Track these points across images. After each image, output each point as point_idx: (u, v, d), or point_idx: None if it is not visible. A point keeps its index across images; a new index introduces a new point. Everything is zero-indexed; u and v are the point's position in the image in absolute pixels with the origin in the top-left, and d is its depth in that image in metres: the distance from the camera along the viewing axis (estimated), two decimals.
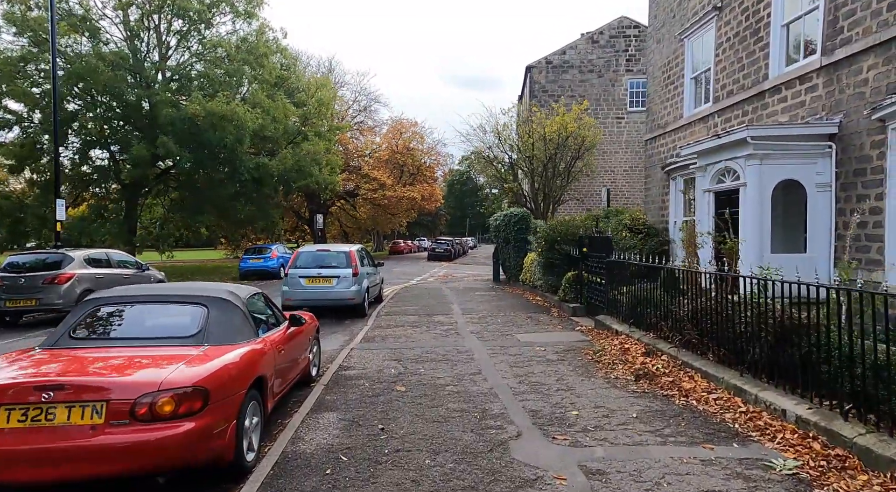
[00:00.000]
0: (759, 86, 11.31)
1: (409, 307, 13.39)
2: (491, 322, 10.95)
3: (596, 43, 33.43)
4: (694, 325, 6.61)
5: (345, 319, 11.93)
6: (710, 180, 11.02)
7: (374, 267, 14.09)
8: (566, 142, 20.14)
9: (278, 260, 24.68)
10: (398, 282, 21.73)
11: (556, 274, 12.73)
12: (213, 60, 25.56)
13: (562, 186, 21.04)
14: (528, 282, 16.09)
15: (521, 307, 12.96)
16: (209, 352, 4.00)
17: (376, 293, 14.24)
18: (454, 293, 16.54)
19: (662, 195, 16.01)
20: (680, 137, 14.97)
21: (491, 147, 22.11)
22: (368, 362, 7.49)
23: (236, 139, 22.85)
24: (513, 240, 17.78)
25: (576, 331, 9.81)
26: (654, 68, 16.90)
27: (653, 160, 16.91)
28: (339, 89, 51.47)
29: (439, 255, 41.93)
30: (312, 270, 11.76)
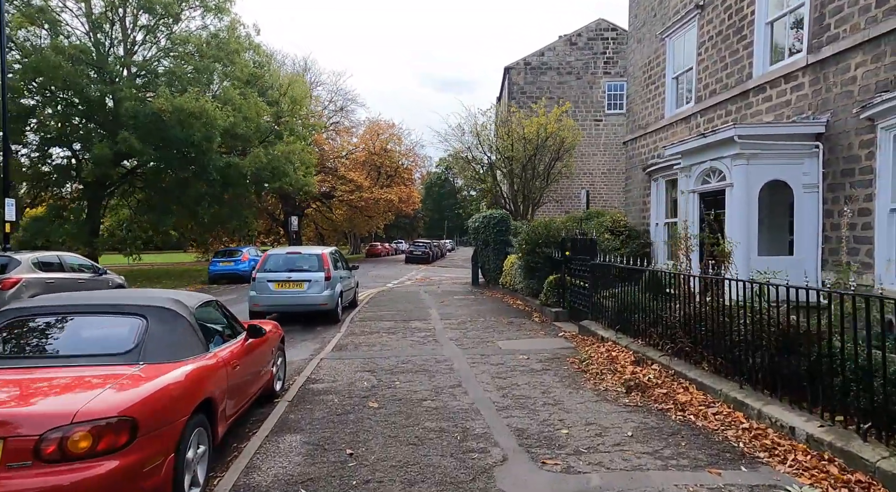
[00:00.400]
0: (742, 85, 11.09)
1: (385, 312, 12.82)
2: (470, 328, 10.46)
3: (574, 45, 33.36)
4: (686, 332, 6.23)
5: (316, 325, 11.31)
6: (695, 181, 10.74)
7: (349, 271, 13.50)
8: (546, 143, 19.82)
9: (249, 263, 23.79)
10: (374, 285, 21.11)
11: (537, 277, 12.33)
12: (181, 56, 24.60)
13: (541, 188, 20.71)
14: (508, 285, 15.66)
15: (501, 312, 12.51)
16: (145, 372, 3.41)
17: (350, 298, 13.64)
18: (432, 297, 16.02)
19: (643, 197, 15.77)
20: (661, 137, 14.75)
21: (470, 148, 21.69)
22: (339, 374, 6.92)
23: (205, 137, 21.96)
24: (492, 242, 17.35)
25: (559, 337, 9.39)
26: (634, 68, 16.69)
27: (633, 161, 16.68)
28: (314, 89, 50.62)
29: (417, 257, 41.35)
30: (282, 274, 11.11)
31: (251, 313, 11.33)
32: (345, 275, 12.71)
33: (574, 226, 12.56)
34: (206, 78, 25.31)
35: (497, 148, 20.42)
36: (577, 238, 10.62)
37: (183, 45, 25.39)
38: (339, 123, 53.12)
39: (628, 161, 17.17)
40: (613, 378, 6.31)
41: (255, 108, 25.86)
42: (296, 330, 10.81)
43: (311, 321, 11.61)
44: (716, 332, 5.75)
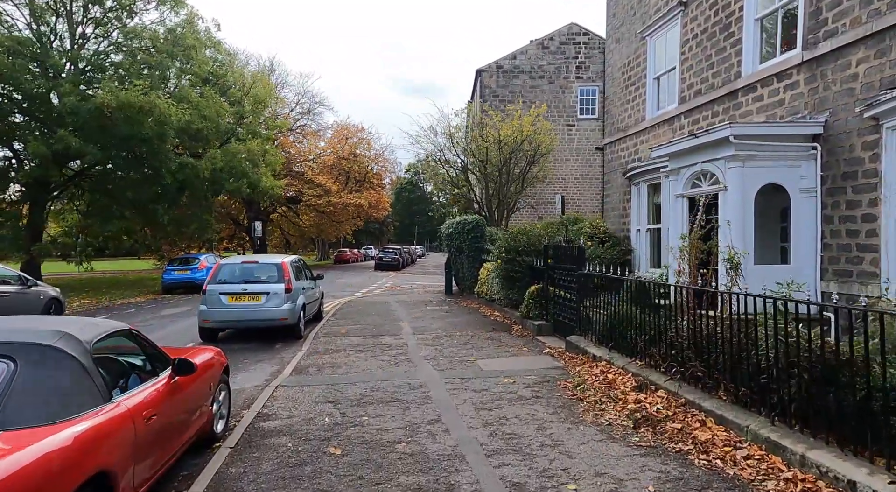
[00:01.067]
0: (730, 85, 10.55)
1: (353, 326, 11.79)
2: (447, 344, 9.54)
3: (546, 49, 33.01)
4: (697, 354, 5.47)
5: (276, 342, 10.20)
6: (684, 185, 10.11)
7: (313, 280, 12.42)
8: (521, 145, 19.13)
9: (207, 271, 22.32)
10: (342, 295, 19.98)
11: (517, 288, 11.51)
12: (131, 51, 23.02)
13: (516, 193, 20.00)
14: (484, 295, 14.82)
15: (478, 325, 11.64)
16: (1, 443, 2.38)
17: (315, 310, 12.56)
18: (403, 308, 15.05)
19: (623, 202, 15.19)
20: (642, 140, 14.19)
21: (443, 150, 20.83)
22: (297, 406, 5.91)
23: (157, 135, 20.47)
24: (467, 249, 16.50)
25: (545, 355, 8.56)
26: (613, 69, 16.15)
27: (612, 165, 16.11)
28: (280, 90, 49.07)
29: (387, 264, 40.22)
30: (236, 286, 9.97)
31: (201, 330, 10.14)
32: (308, 286, 11.63)
33: (555, 232, 11.82)
34: (161, 74, 23.76)
35: (472, 151, 19.62)
36: (561, 246, 9.85)
37: (137, 40, 23.82)
38: (307, 125, 51.68)
39: (607, 165, 16.59)
40: (615, 408, 5.48)
41: (215, 107, 24.44)
42: (252, 348, 9.68)
43: (270, 338, 10.50)
44: (734, 355, 4.99)
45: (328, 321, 12.61)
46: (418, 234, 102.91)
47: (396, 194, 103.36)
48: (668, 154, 10.35)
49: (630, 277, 7.36)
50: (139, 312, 15.53)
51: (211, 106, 23.76)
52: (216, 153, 23.88)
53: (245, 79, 28.13)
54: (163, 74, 23.68)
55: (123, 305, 17.59)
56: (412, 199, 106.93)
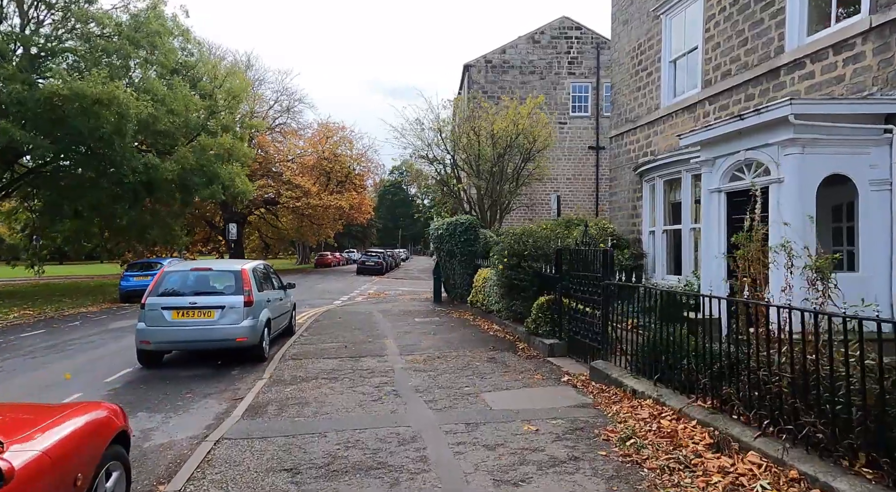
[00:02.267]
0: (770, 62, 9.05)
1: (329, 344, 10.01)
2: (442, 369, 7.84)
3: (537, 43, 31.61)
4: (808, 406, 3.86)
5: (233, 367, 8.39)
6: (721, 178, 8.57)
7: (283, 290, 10.63)
8: (517, 140, 17.54)
9: None
10: (320, 303, 18.15)
11: (522, 298, 9.86)
12: (88, 35, 20.92)
13: (511, 192, 18.40)
14: (479, 304, 13.15)
15: (476, 342, 9.95)
16: None
17: (284, 325, 10.76)
18: (388, 319, 13.30)
19: (633, 201, 13.66)
20: (656, 131, 12.68)
21: (430, 145, 19.13)
22: (237, 481, 4.15)
23: (115, 129, 18.45)
24: (459, 253, 14.82)
25: (565, 384, 6.90)
26: (620, 54, 14.64)
27: (620, 160, 14.58)
28: (258, 87, 47.01)
29: (370, 268, 38.32)
30: (183, 299, 8.15)
31: (139, 354, 8.28)
32: (275, 296, 9.84)
33: (564, 234, 10.21)
34: (123, 63, 21.68)
35: (463, 146, 17.96)
36: (578, 250, 8.22)
37: (96, 25, 21.72)
38: (286, 124, 49.63)
39: (613, 160, 15.06)
40: (696, 483, 3.82)
41: (184, 100, 22.43)
42: (201, 376, 7.86)
43: (227, 361, 8.68)
44: (881, 411, 3.39)
45: (300, 337, 10.80)
46: (402, 237, 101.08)
47: (380, 197, 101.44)
48: (701, 142, 8.80)
49: (685, 292, 5.74)
50: (84, 325, 13.53)
51: (179, 99, 21.76)
52: (185, 152, 21.88)
53: (218, 71, 26.07)
54: (125, 63, 21.59)
55: (70, 317, 15.53)
56: (396, 201, 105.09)
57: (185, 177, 22.23)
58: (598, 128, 31.34)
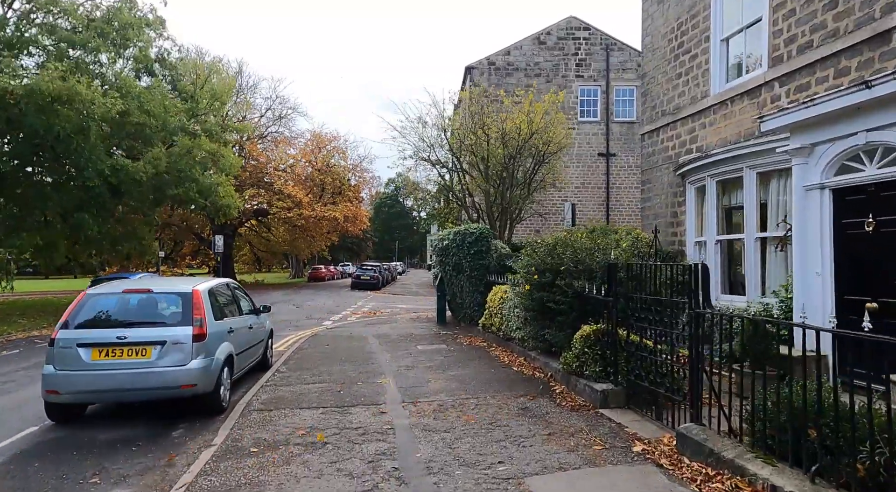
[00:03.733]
0: (874, 25, 7.08)
1: (311, 384, 7.85)
2: (460, 428, 5.70)
3: (543, 44, 29.92)
4: None
5: (176, 424, 6.23)
6: (825, 170, 6.55)
7: (254, 314, 8.50)
8: (530, 140, 15.56)
9: None
10: (308, 324, 15.99)
11: (557, 325, 7.74)
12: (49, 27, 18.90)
13: (522, 199, 16.38)
14: (494, 329, 11.03)
15: (499, 382, 7.82)
16: None
17: (256, 358, 8.61)
18: (386, 347, 11.15)
19: (672, 206, 11.66)
20: (705, 123, 10.70)
21: (433, 146, 17.12)
22: None
23: (76, 129, 16.39)
24: (468, 267, 12.73)
25: (643, 459, 4.78)
26: (654, 37, 12.71)
27: (655, 160, 12.58)
28: (249, 94, 45.16)
29: (365, 283, 36.10)
30: (109, 332, 6.00)
31: (48, 407, 6.10)
32: (242, 324, 7.69)
33: (605, 244, 8.13)
34: (93, 57, 19.67)
35: (471, 147, 15.95)
36: (644, 265, 6.15)
37: (62, 17, 19.74)
38: (279, 132, 47.67)
39: (646, 160, 13.06)
40: None
41: (162, 100, 20.42)
42: (128, 441, 5.70)
43: (171, 415, 6.52)
44: None
45: (276, 374, 8.61)
46: (398, 249, 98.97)
47: (376, 209, 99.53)
48: (795, 124, 6.79)
49: None
50: (21, 356, 11.31)
51: (155, 99, 19.74)
52: (159, 153, 19.78)
53: (201, 69, 24.02)
54: (95, 58, 19.57)
55: (13, 343, 13.27)
56: (392, 214, 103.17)
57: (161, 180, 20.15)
58: (608, 133, 29.55)
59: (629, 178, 29.79)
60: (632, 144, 29.64)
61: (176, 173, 20.79)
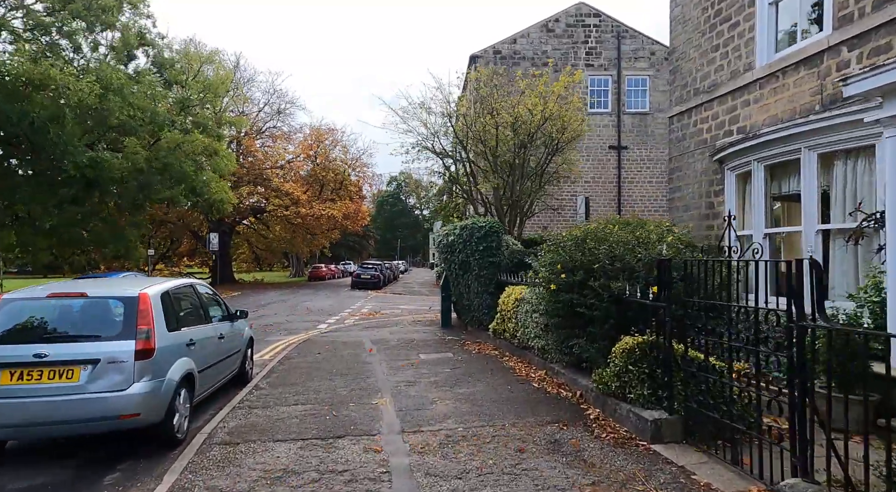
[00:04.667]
0: None
1: (292, 406, 6.53)
2: (477, 476, 4.36)
3: (551, 32, 28.56)
4: None
5: (115, 465, 4.91)
6: None
7: (227, 321, 7.19)
8: (543, 126, 14.21)
9: None
10: (301, 327, 14.69)
11: (588, 335, 6.38)
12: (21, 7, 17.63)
13: (533, 191, 15.03)
14: (508, 335, 9.69)
15: (519, 403, 6.50)
16: None
17: (230, 374, 7.30)
18: (384, 356, 9.84)
19: (708, 197, 10.33)
20: (749, 99, 9.35)
21: (437, 134, 15.77)
22: None
23: (51, 116, 15.13)
24: (476, 265, 11.40)
25: None
26: (684, 7, 11.33)
27: (686, 145, 11.23)
28: (248, 88, 43.89)
29: (365, 282, 34.77)
30: (25, 349, 4.69)
31: None
32: (208, 334, 6.37)
33: (645, 237, 6.79)
34: (71, 43, 18.38)
35: (479, 136, 14.60)
36: (709, 261, 4.82)
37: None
38: (278, 128, 46.37)
39: (675, 146, 11.70)
40: None
41: (149, 87, 19.15)
42: (46, 489, 4.40)
43: (113, 451, 5.22)
44: None
45: (253, 392, 7.29)
46: (400, 248, 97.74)
47: (378, 207, 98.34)
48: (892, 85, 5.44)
49: None
50: None
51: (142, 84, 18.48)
52: (135, 144, 18.49)
53: (193, 58, 22.65)
54: (72, 41, 18.29)
55: None
56: (394, 212, 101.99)
57: (147, 178, 18.89)
58: (619, 125, 28.19)
59: (642, 172, 28.47)
60: (644, 137, 28.31)
61: (162, 168, 19.54)
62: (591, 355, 6.33)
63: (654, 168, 28.57)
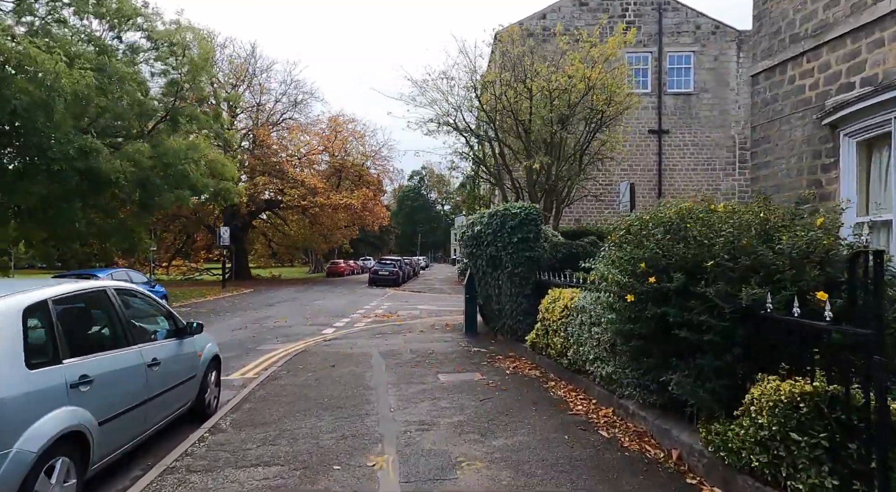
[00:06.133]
0: None
1: (250, 471, 4.41)
2: None
3: (585, 5, 26.10)
4: None
5: None
6: None
7: (173, 338, 5.18)
8: (587, 96, 11.91)
9: None
10: (303, 333, 12.71)
11: (695, 368, 4.13)
12: None
13: (573, 175, 12.74)
14: (553, 353, 7.48)
15: (582, 467, 4.31)
16: None
17: (176, 411, 5.26)
18: (393, 377, 7.73)
19: (813, 173, 7.99)
20: (879, 39, 6.96)
21: (460, 108, 13.56)
22: None
23: (38, 104, 13.46)
24: (509, 262, 9.20)
25: None
26: None
27: (778, 108, 8.83)
28: (263, 78, 42.32)
29: (383, 279, 32.82)
30: None
31: None
32: (124, 365, 4.29)
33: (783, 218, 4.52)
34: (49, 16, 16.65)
35: (509, 107, 12.35)
36: None
37: None
38: (295, 119, 44.68)
39: (761, 111, 9.29)
40: None
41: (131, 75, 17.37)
42: None
43: None
44: None
45: (208, 437, 5.22)
46: (421, 244, 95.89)
47: (399, 202, 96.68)
48: None
49: None
50: None
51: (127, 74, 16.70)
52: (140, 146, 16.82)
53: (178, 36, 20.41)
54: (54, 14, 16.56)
55: None
56: (415, 207, 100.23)
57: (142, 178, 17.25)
58: (660, 107, 25.59)
59: (685, 159, 25.86)
60: (688, 120, 25.70)
61: (163, 167, 17.85)
62: (701, 401, 4.10)
63: (699, 154, 25.95)
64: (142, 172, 16.65)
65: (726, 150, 26.13)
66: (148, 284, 17.46)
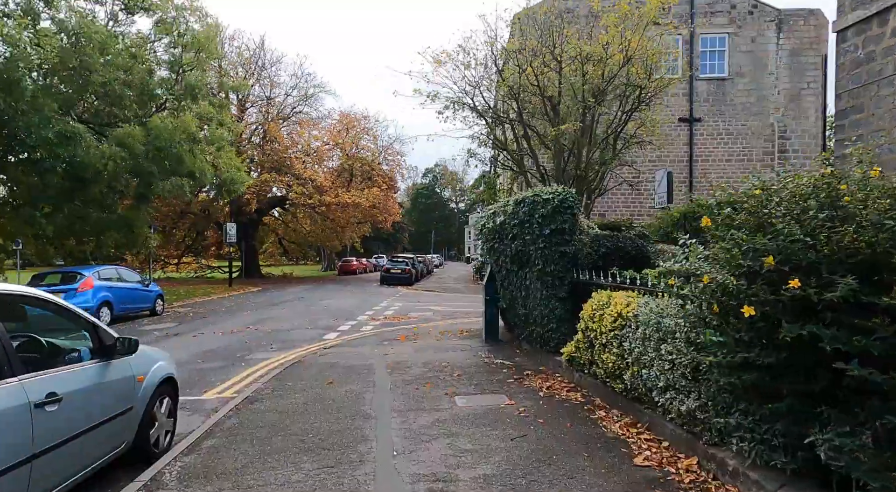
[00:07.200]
0: None
1: None
2: None
3: None
4: None
5: None
6: None
7: (97, 361, 3.77)
8: (622, 70, 10.32)
9: (96, 296, 13.91)
10: (302, 339, 11.28)
11: (866, 425, 2.62)
12: None
13: (608, 160, 11.15)
14: (601, 373, 5.92)
15: None
16: None
17: (89, 466, 3.83)
18: (399, 402, 6.24)
19: None
20: None
21: (478, 87, 12.02)
22: None
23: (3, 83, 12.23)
24: (540, 259, 7.66)
25: None
26: None
27: (875, 69, 7.17)
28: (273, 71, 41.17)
29: (395, 277, 31.41)
30: None
31: None
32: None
33: None
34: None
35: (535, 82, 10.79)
36: None
37: None
38: (306, 114, 43.48)
39: (852, 75, 7.61)
40: None
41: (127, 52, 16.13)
42: None
43: None
44: None
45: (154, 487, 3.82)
46: (435, 242, 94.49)
47: (413, 200, 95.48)
48: None
49: None
50: None
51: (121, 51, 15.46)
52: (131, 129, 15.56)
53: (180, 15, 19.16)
54: None
55: None
56: (429, 204, 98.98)
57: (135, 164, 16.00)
58: (691, 94, 23.77)
59: (718, 148, 24.02)
60: (722, 107, 23.86)
61: (156, 151, 16.61)
62: (886, 481, 2.54)
63: (734, 144, 24.09)
64: (134, 159, 15.42)
65: (764, 139, 24.22)
66: (141, 283, 16.25)
